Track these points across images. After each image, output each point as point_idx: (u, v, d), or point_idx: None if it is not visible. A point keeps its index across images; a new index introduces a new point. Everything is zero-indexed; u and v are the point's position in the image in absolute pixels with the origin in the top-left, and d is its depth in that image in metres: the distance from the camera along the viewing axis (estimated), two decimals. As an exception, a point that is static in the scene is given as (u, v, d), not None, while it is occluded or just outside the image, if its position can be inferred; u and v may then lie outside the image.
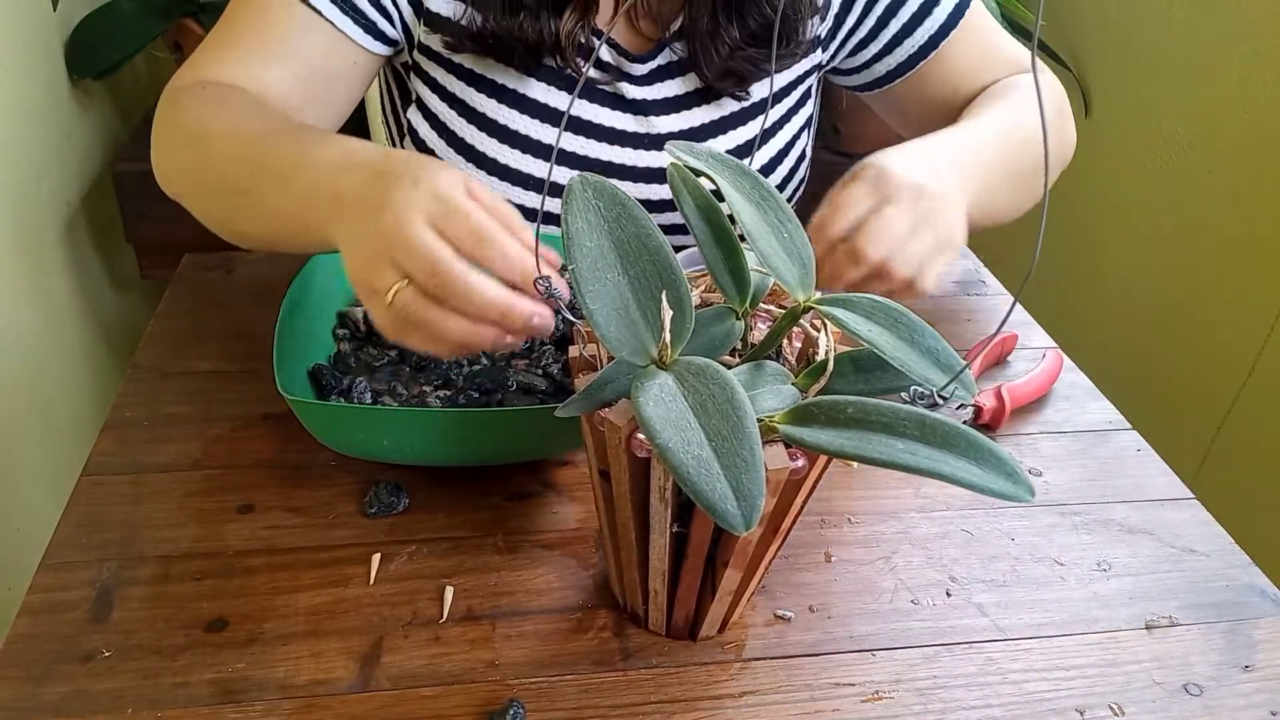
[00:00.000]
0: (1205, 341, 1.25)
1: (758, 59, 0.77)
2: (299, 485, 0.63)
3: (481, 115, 0.77)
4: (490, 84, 0.76)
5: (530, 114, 0.77)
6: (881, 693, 0.53)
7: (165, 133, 0.70)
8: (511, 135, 0.77)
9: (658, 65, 0.79)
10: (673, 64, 0.79)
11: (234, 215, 0.65)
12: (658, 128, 0.79)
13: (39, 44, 1.35)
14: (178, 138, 0.68)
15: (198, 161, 0.66)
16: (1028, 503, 0.51)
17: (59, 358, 1.36)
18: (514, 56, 0.74)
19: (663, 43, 0.78)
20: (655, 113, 0.79)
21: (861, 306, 0.46)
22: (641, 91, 0.79)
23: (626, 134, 0.79)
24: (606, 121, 0.78)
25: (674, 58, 0.79)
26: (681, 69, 0.79)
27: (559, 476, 0.65)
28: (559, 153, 0.77)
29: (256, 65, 0.70)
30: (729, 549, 0.48)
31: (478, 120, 0.77)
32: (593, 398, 0.45)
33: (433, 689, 0.51)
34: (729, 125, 0.81)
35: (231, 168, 0.63)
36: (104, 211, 1.53)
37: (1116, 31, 1.40)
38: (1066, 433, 0.73)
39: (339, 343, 0.69)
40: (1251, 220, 1.18)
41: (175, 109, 0.69)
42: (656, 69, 0.79)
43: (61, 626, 0.53)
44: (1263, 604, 0.60)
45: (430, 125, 0.79)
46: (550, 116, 0.77)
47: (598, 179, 0.44)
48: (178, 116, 0.68)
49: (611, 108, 0.79)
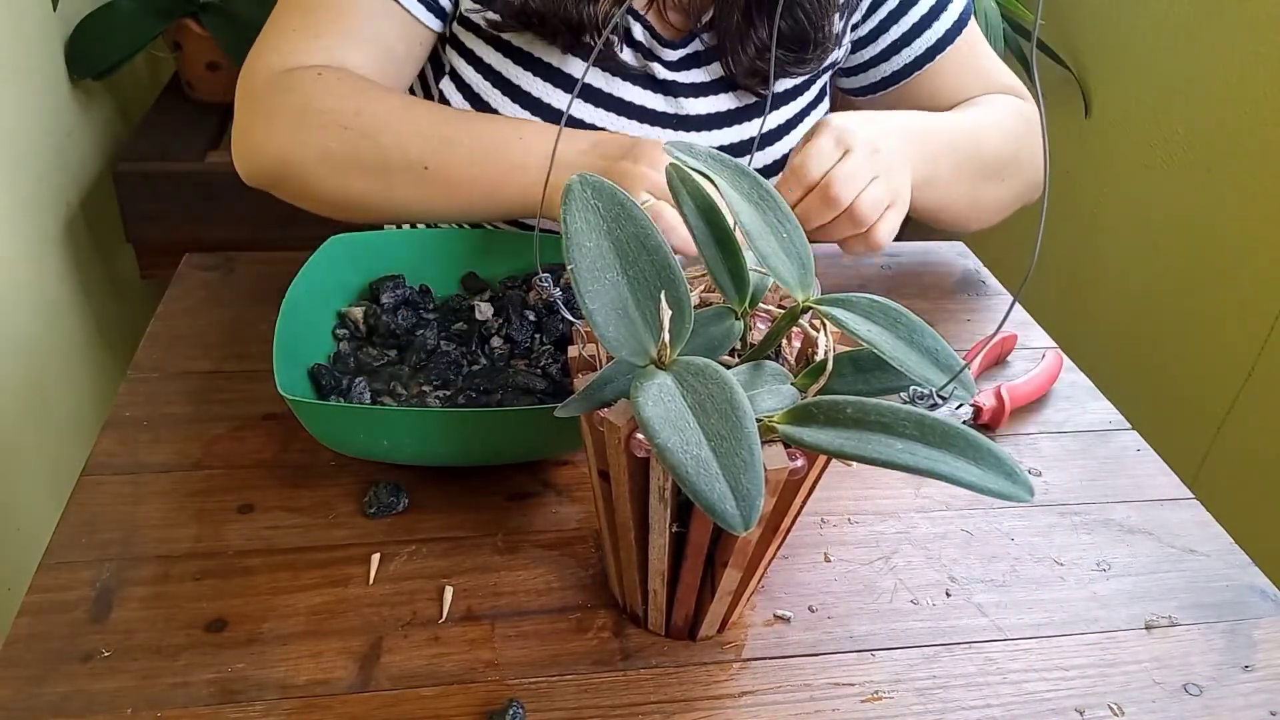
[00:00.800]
0: (1205, 341, 1.25)
1: (784, 60, 0.80)
2: (299, 485, 0.63)
3: (517, 88, 0.78)
4: (529, 58, 0.78)
5: (567, 90, 0.79)
6: (881, 693, 0.53)
7: (291, 120, 0.72)
8: (546, 109, 0.78)
9: (688, 53, 0.81)
10: (701, 53, 0.81)
11: (400, 192, 0.72)
12: (686, 109, 0.82)
13: (39, 44, 1.35)
14: (320, 124, 0.71)
15: (355, 145, 0.71)
16: (1027, 503, 0.51)
17: (59, 358, 1.36)
18: (556, 35, 0.76)
19: (694, 32, 0.81)
20: (684, 95, 0.81)
21: (860, 306, 0.46)
22: (672, 75, 0.81)
23: (657, 113, 0.81)
24: (638, 100, 0.81)
25: (703, 47, 0.81)
26: (709, 59, 0.82)
27: (559, 476, 0.65)
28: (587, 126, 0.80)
29: (342, 51, 0.74)
30: (728, 549, 0.48)
31: (512, 92, 0.79)
32: (592, 398, 0.45)
33: (432, 689, 0.51)
34: (755, 113, 0.83)
35: (409, 144, 0.71)
36: (104, 211, 1.53)
37: (1116, 31, 1.40)
38: (1066, 433, 0.73)
39: (339, 343, 0.69)
40: (1251, 220, 1.18)
41: (297, 96, 0.72)
42: (686, 56, 0.81)
43: (61, 626, 0.53)
44: (1263, 604, 0.60)
45: (464, 96, 0.80)
46: (587, 93, 0.79)
47: (596, 179, 0.44)
48: (310, 103, 0.72)
49: (643, 87, 0.81)
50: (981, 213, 0.85)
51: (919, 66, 0.85)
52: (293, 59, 0.74)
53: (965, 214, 0.84)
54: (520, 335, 0.69)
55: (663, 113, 0.81)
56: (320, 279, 0.69)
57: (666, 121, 0.81)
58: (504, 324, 0.70)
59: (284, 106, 0.72)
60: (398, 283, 0.71)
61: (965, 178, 0.80)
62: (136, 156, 1.53)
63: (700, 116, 0.82)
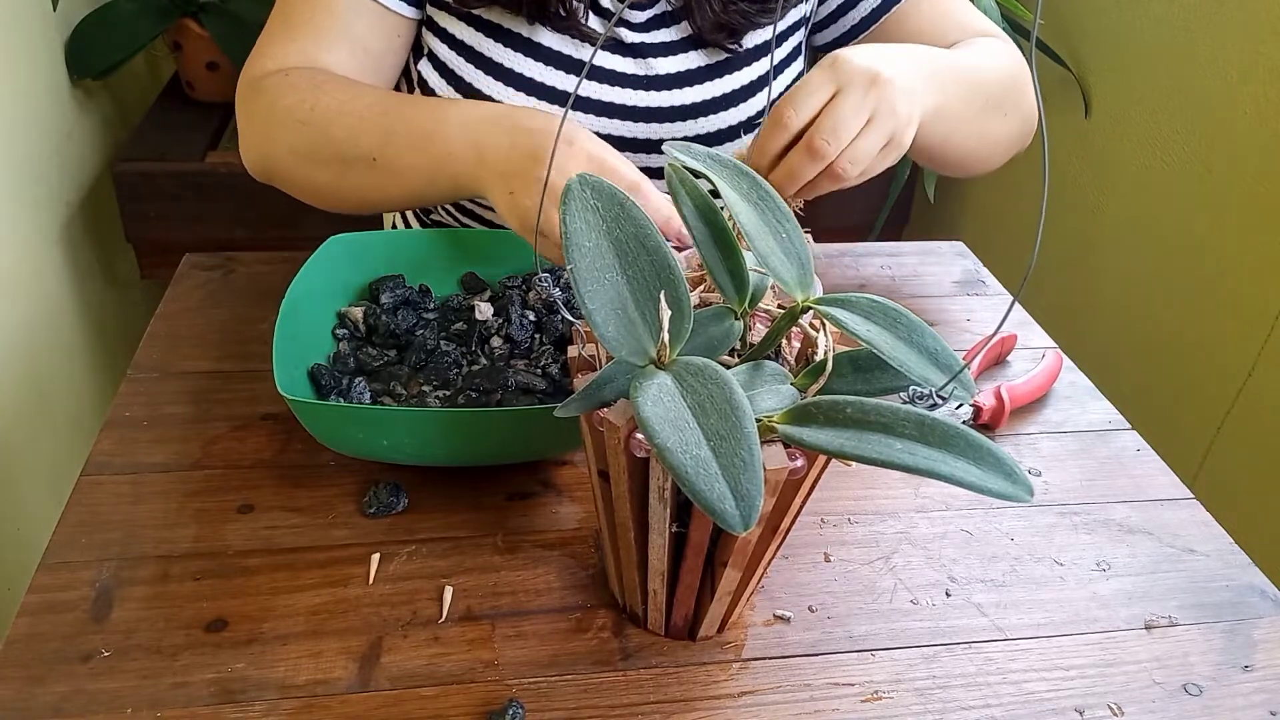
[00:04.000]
0: (1205, 341, 1.25)
1: (749, 12, 0.80)
2: (299, 485, 0.63)
3: (490, 61, 0.80)
4: (502, 31, 0.80)
5: (541, 60, 0.80)
6: (881, 693, 0.53)
7: (262, 119, 0.76)
8: (520, 79, 0.79)
9: (654, 14, 0.82)
10: (667, 13, 0.82)
11: (353, 181, 0.74)
12: (656, 69, 0.82)
13: (39, 44, 1.35)
14: (283, 121, 0.74)
15: (313, 139, 0.73)
16: (1027, 503, 0.51)
17: (59, 358, 1.36)
18: (521, 6, 0.78)
19: None
20: (653, 55, 0.82)
21: (860, 306, 0.46)
22: (640, 37, 0.82)
23: (627, 75, 0.82)
24: (607, 65, 0.81)
25: (669, 7, 0.82)
26: (675, 18, 0.82)
27: (558, 476, 0.65)
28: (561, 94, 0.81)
29: (318, 51, 0.77)
30: (728, 549, 0.48)
31: (487, 66, 0.80)
32: (591, 398, 0.45)
33: (432, 689, 0.51)
34: (724, 70, 0.84)
35: (356, 138, 0.72)
36: (104, 211, 1.53)
37: (1116, 31, 1.40)
38: (1066, 433, 0.73)
39: (338, 343, 0.69)
40: (1251, 220, 1.18)
41: (267, 96, 0.75)
42: (653, 17, 0.82)
43: (61, 626, 0.53)
44: (1262, 604, 0.60)
45: (440, 74, 0.81)
46: (559, 62, 0.80)
47: (596, 179, 0.44)
48: (275, 102, 0.75)
49: (611, 51, 0.81)
50: (987, 147, 0.82)
51: (888, 8, 0.84)
52: (272, 63, 0.77)
53: (972, 149, 0.80)
54: (520, 335, 0.69)
55: (632, 74, 0.81)
56: (320, 279, 0.69)
57: (636, 83, 0.82)
58: (504, 324, 0.70)
59: (258, 108, 0.76)
60: (398, 283, 0.71)
61: (974, 110, 0.76)
62: (136, 156, 1.53)
63: (669, 75, 0.82)
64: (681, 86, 0.82)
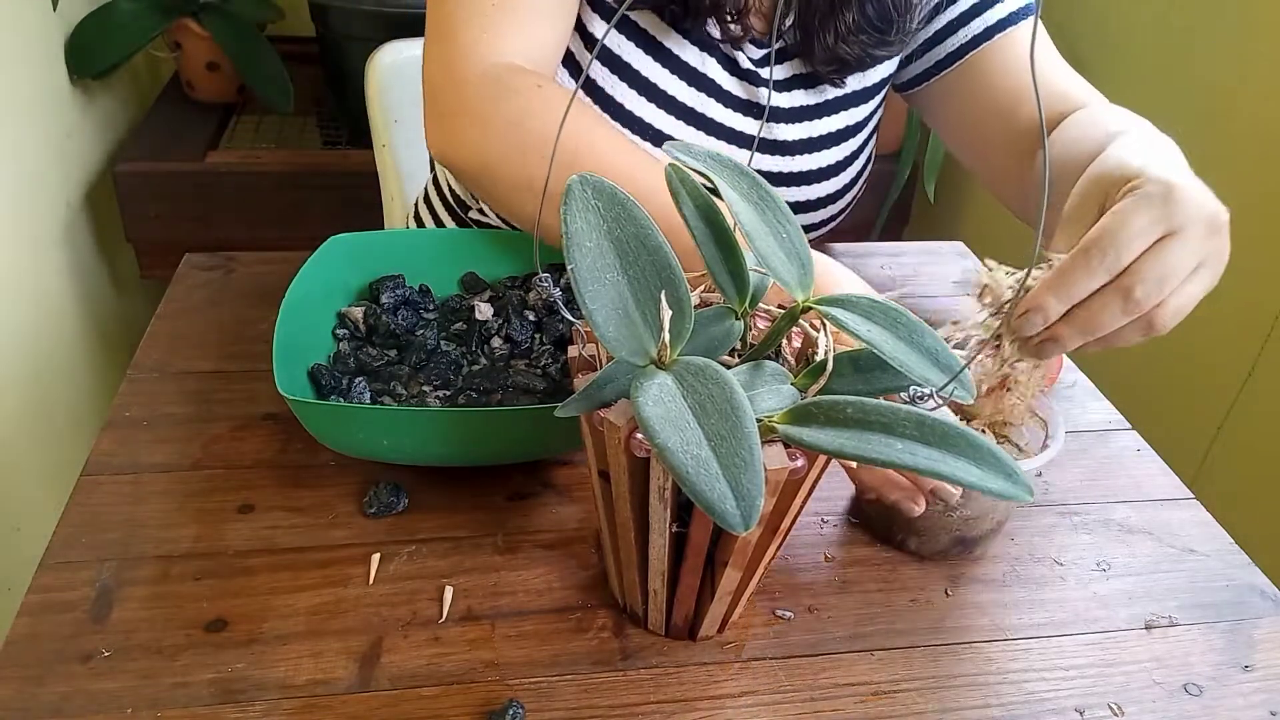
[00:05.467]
0: (1205, 341, 1.25)
1: (867, 45, 0.79)
2: (299, 485, 0.63)
3: (627, 65, 0.79)
4: (646, 37, 0.78)
5: (678, 74, 0.79)
6: (881, 693, 0.53)
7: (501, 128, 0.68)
8: (652, 89, 0.79)
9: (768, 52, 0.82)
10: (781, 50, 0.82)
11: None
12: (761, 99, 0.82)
13: (39, 44, 1.35)
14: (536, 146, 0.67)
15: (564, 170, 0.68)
16: (1027, 503, 0.51)
17: (59, 358, 1.36)
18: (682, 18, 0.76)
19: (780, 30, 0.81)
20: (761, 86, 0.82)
21: (860, 306, 0.46)
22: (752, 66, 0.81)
23: (740, 100, 0.81)
24: (724, 84, 0.81)
25: (784, 44, 0.82)
26: (788, 54, 0.82)
27: (559, 476, 0.65)
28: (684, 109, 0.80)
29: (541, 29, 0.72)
30: (728, 549, 0.48)
31: (621, 70, 0.79)
32: (592, 397, 0.45)
33: (432, 689, 0.51)
34: (824, 111, 0.84)
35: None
36: (104, 211, 1.54)
37: (1116, 31, 1.40)
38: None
39: (338, 343, 0.69)
40: (1251, 220, 1.18)
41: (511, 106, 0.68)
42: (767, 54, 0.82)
43: (61, 626, 0.53)
44: (1263, 604, 0.60)
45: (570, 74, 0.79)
46: (695, 80, 0.79)
47: (596, 179, 0.44)
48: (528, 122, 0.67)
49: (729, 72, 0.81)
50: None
51: (976, 45, 0.82)
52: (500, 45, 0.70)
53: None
54: (520, 335, 0.69)
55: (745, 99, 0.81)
56: (320, 279, 0.69)
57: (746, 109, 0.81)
58: (504, 324, 0.70)
59: (498, 115, 0.68)
60: (398, 283, 0.71)
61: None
62: (136, 156, 1.53)
63: (773, 109, 0.82)
64: (781, 121, 0.83)
